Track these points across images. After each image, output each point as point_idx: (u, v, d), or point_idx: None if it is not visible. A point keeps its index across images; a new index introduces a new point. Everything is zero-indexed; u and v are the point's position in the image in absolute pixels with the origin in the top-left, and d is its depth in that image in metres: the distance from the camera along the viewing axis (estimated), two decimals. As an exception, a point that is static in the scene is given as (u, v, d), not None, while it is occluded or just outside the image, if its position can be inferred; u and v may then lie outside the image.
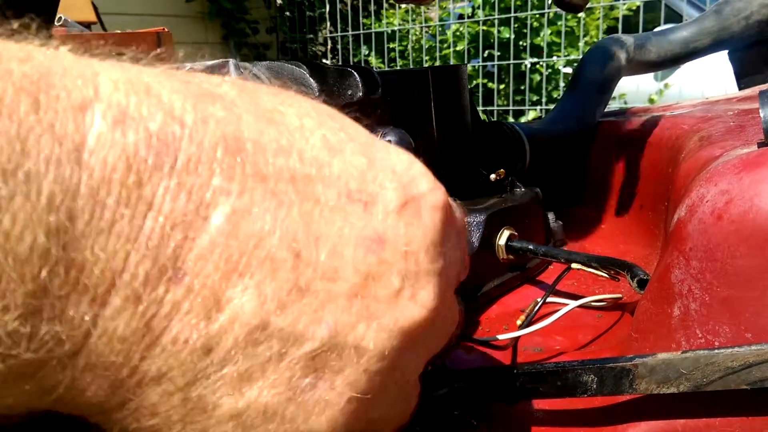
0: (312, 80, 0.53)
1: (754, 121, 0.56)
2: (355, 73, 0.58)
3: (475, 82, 4.50)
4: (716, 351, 0.37)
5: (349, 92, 0.57)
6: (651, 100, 4.16)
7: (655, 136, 0.74)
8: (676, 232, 0.42)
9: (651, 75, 4.10)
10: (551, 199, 0.76)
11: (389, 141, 0.58)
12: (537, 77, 4.41)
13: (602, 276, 0.59)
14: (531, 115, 4.34)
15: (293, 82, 0.53)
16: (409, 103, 0.64)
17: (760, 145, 0.43)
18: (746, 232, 0.38)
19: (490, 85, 4.55)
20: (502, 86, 4.52)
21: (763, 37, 0.84)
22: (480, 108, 4.29)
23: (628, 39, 0.86)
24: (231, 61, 0.51)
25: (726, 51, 0.90)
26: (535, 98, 4.40)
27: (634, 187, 0.77)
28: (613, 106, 3.52)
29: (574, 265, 0.60)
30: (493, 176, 0.70)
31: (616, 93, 4.28)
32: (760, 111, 0.41)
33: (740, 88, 0.88)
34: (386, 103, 0.60)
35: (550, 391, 0.43)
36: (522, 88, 4.39)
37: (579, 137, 0.82)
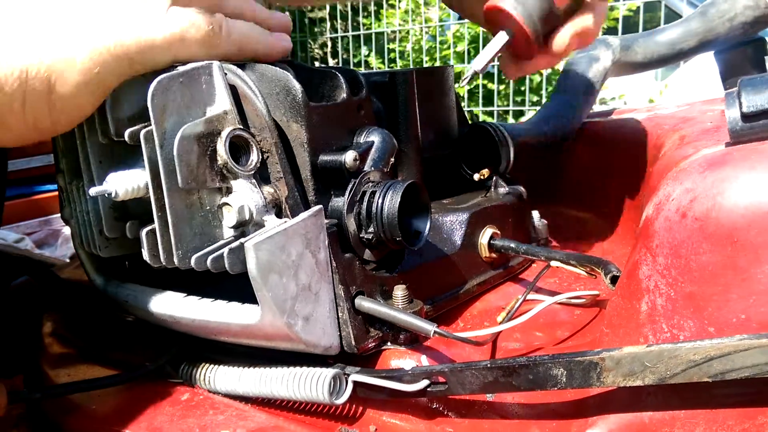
0: (296, 82, 0.54)
1: (729, 122, 0.57)
2: (339, 75, 0.59)
3: (475, 82, 4.51)
4: (679, 345, 0.38)
5: (334, 94, 0.58)
6: (650, 101, 4.16)
7: (638, 136, 0.75)
8: (644, 229, 0.43)
9: (651, 76, 4.10)
10: (536, 198, 0.77)
11: (372, 141, 0.60)
12: (537, 78, 4.41)
13: (582, 273, 0.60)
14: (531, 115, 4.34)
15: (278, 84, 0.55)
16: (393, 104, 0.66)
17: (727, 145, 0.44)
18: (709, 229, 0.39)
19: (490, 86, 4.55)
20: (502, 87, 4.52)
21: (748, 38, 0.84)
22: (480, 109, 4.29)
23: (614, 41, 0.87)
24: (215, 64, 0.52)
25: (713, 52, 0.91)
26: (535, 99, 4.40)
27: (617, 185, 0.78)
28: (613, 106, 3.52)
29: (554, 263, 0.61)
30: (477, 176, 0.71)
31: (615, 93, 4.27)
32: (725, 112, 0.42)
33: (726, 89, 0.88)
34: (370, 104, 0.61)
35: (522, 384, 0.44)
36: (522, 89, 4.39)
37: (564, 138, 0.83)
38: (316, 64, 5.09)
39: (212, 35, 0.52)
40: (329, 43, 5.01)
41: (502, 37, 0.63)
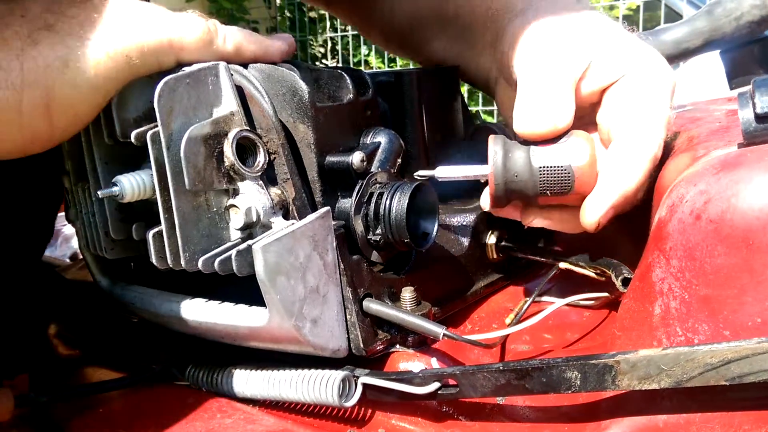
0: (303, 83, 0.54)
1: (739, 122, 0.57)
2: (345, 75, 0.58)
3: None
4: (695, 348, 0.37)
5: (340, 94, 0.58)
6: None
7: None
8: (656, 231, 0.43)
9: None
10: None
11: (379, 142, 0.59)
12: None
13: (590, 275, 0.59)
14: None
15: (284, 84, 0.54)
16: (399, 105, 0.65)
17: (740, 146, 0.44)
18: (724, 231, 0.38)
19: (490, 84, 4.54)
20: (502, 86, 4.51)
21: (754, 37, 0.84)
22: (480, 108, 4.28)
23: (620, 40, 0.87)
24: (221, 64, 0.51)
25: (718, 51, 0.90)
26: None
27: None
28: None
29: (562, 264, 0.60)
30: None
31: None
32: (739, 112, 0.41)
33: (732, 89, 0.88)
34: (377, 105, 0.61)
35: (536, 387, 0.43)
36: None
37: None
38: (317, 64, 5.09)
39: (210, 36, 0.52)
40: (329, 43, 5.00)
41: (481, 171, 0.56)
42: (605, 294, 0.59)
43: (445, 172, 0.58)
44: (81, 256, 1.18)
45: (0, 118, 0.44)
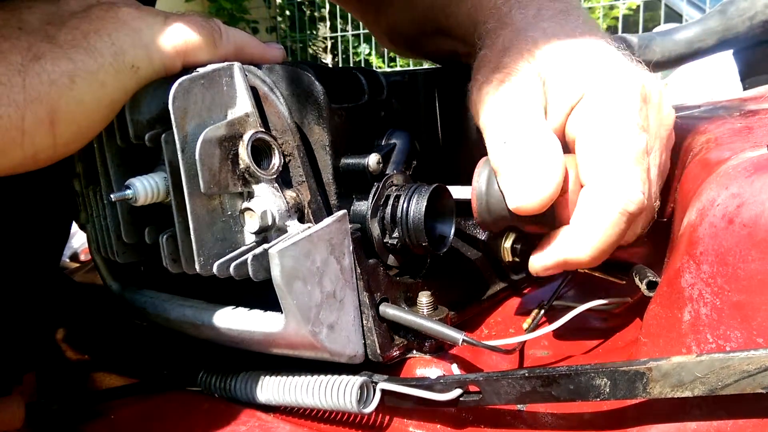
0: (318, 84, 0.53)
1: (761, 123, 0.56)
2: (360, 76, 0.57)
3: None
4: (731, 354, 0.36)
5: (355, 95, 0.57)
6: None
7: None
8: (686, 235, 0.42)
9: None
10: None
11: (394, 143, 0.58)
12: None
13: (608, 278, 0.58)
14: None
15: (299, 85, 0.53)
16: (413, 105, 0.64)
17: (771, 147, 0.43)
18: (758, 236, 0.37)
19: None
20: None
21: (768, 36, 0.83)
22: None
23: (633, 39, 0.86)
24: (236, 65, 0.50)
25: (728, 51, 0.89)
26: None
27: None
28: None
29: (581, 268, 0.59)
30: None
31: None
32: (772, 114, 0.40)
33: (745, 89, 0.87)
34: (391, 106, 0.60)
35: (563, 395, 0.42)
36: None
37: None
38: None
39: (214, 37, 0.52)
40: (329, 42, 4.99)
41: (468, 193, 0.55)
42: (627, 298, 0.58)
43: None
44: (81, 257, 1.17)
45: (1, 135, 0.42)
